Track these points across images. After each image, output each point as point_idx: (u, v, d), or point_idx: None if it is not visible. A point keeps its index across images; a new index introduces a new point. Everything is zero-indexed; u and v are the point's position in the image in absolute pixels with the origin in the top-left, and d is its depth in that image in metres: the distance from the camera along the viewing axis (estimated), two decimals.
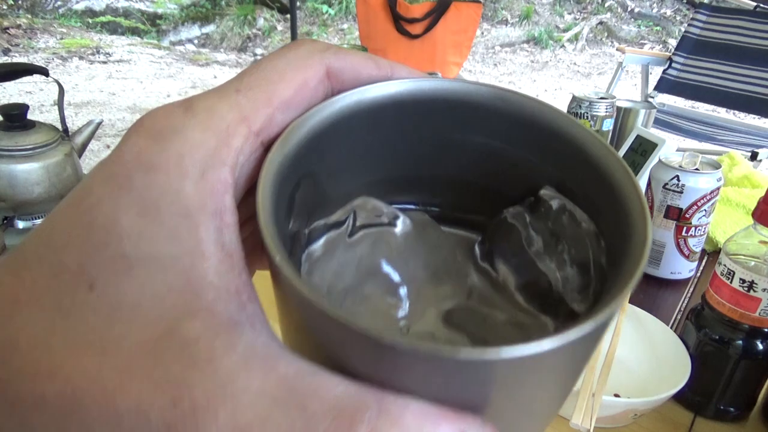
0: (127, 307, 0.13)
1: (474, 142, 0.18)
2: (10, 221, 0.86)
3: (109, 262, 0.13)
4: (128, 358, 0.12)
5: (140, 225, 0.13)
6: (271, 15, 6.05)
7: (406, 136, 0.18)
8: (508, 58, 5.93)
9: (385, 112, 0.17)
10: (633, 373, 0.55)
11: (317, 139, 0.16)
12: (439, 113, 0.17)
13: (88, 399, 0.12)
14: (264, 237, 0.13)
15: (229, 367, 0.12)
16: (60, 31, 5.60)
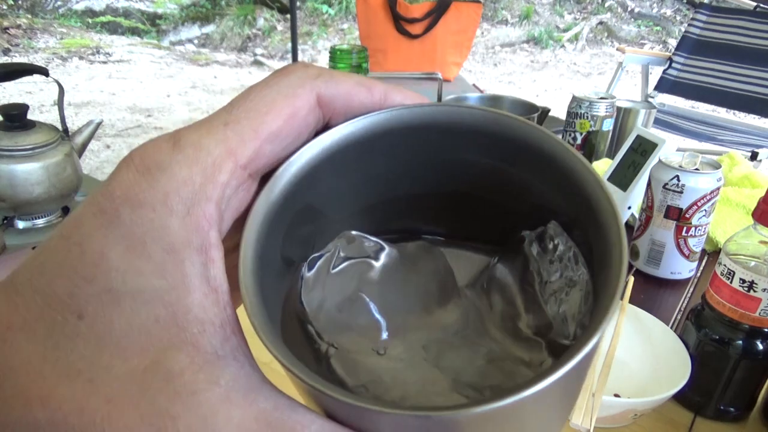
0: (114, 337, 0.13)
1: (470, 163, 0.18)
2: (10, 221, 0.86)
3: (98, 294, 0.14)
4: (115, 387, 0.13)
5: (127, 259, 0.14)
6: (271, 15, 6.05)
7: (402, 163, 0.18)
8: (508, 58, 5.93)
9: (380, 141, 0.17)
10: (633, 373, 0.55)
11: (311, 175, 0.17)
12: (433, 138, 0.17)
13: (78, 427, 0.13)
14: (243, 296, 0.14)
15: (212, 401, 0.13)
16: (60, 31, 5.60)
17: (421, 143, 0.18)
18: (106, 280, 0.14)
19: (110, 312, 0.14)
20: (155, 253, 0.14)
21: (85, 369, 0.13)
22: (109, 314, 0.14)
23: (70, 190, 0.86)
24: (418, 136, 0.17)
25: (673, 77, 2.47)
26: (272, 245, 0.16)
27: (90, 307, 0.14)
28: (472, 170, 0.18)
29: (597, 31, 6.24)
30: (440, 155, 0.18)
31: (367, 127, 0.17)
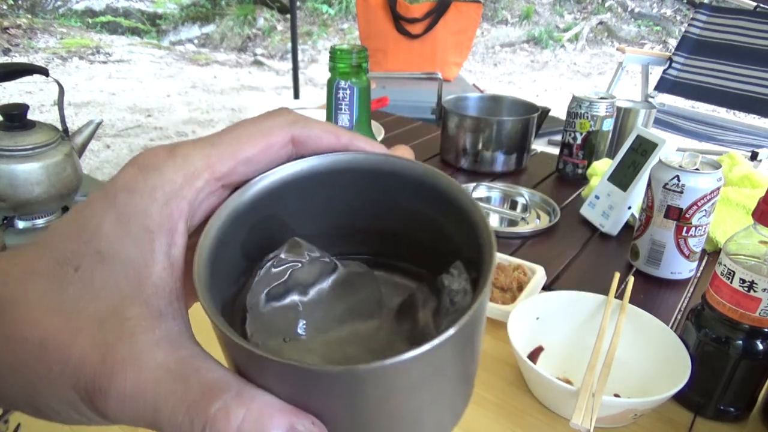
0: (94, 287, 0.18)
1: (400, 205, 0.22)
2: (10, 221, 0.86)
3: (90, 254, 0.19)
4: (83, 323, 0.18)
5: (115, 231, 0.19)
6: (271, 15, 6.05)
7: (356, 198, 0.23)
8: (508, 58, 5.93)
9: (340, 177, 0.22)
10: (633, 373, 0.55)
11: (279, 191, 0.21)
12: (381, 182, 0.22)
13: (51, 346, 0.18)
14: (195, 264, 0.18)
15: (145, 343, 0.18)
16: (60, 31, 5.60)
17: (373, 185, 0.22)
18: (98, 244, 0.19)
19: (95, 268, 0.19)
20: (135, 229, 0.19)
21: (68, 307, 0.18)
22: (94, 270, 0.19)
23: (70, 190, 0.86)
24: (371, 178, 0.22)
25: (673, 77, 2.47)
26: (233, 237, 0.20)
27: (83, 263, 0.19)
28: (409, 213, 0.22)
29: (597, 31, 6.24)
30: (386, 198, 0.22)
31: (330, 163, 0.21)
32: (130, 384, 0.17)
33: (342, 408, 0.17)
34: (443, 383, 0.19)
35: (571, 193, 1.04)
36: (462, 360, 0.19)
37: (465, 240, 0.20)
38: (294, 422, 0.17)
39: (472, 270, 0.20)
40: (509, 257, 0.73)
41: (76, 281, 0.18)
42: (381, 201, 0.23)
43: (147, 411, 0.17)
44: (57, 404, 0.19)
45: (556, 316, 0.61)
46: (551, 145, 2.21)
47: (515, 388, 0.55)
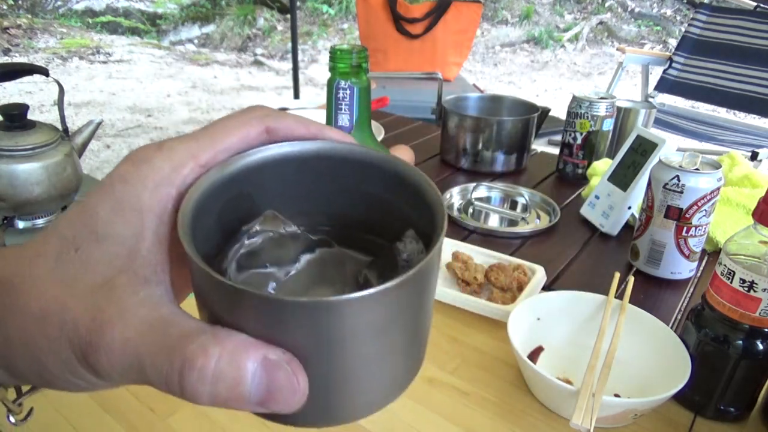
0: (91, 264, 0.21)
1: (362, 189, 0.25)
2: (10, 221, 0.86)
3: (88, 235, 0.21)
4: (79, 294, 0.21)
5: (110, 215, 0.21)
6: (271, 15, 6.05)
7: (325, 180, 0.25)
8: (508, 58, 5.93)
9: (311, 162, 0.25)
10: (633, 373, 0.55)
11: (252, 170, 0.24)
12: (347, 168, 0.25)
13: (50, 313, 0.21)
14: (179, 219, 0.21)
15: (130, 303, 0.20)
16: (60, 31, 5.60)
17: (339, 170, 0.25)
18: (95, 226, 0.21)
19: (93, 248, 0.21)
20: (128, 212, 0.21)
21: (69, 282, 0.21)
22: (91, 249, 0.21)
23: (70, 190, 0.86)
24: (337, 164, 0.25)
25: (673, 77, 2.47)
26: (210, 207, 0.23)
27: (83, 244, 0.21)
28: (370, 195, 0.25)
29: (597, 31, 6.24)
30: (351, 181, 0.25)
31: (301, 149, 0.24)
32: (117, 338, 0.20)
33: (309, 342, 0.19)
34: (397, 330, 0.21)
35: (571, 193, 1.04)
36: (413, 311, 0.21)
37: (421, 216, 0.23)
38: (266, 353, 0.19)
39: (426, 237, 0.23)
40: (509, 257, 0.73)
41: (75, 260, 0.21)
42: (346, 184, 0.25)
43: (133, 362, 0.19)
44: (57, 369, 0.21)
45: (556, 316, 0.61)
46: (551, 145, 2.21)
47: (515, 388, 0.55)
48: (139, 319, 0.20)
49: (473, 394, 0.54)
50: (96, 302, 0.20)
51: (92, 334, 0.20)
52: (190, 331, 0.19)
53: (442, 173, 1.13)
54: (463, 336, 0.62)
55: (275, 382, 0.19)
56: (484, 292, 0.69)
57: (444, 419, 0.51)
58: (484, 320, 0.64)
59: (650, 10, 6.34)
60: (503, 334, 0.55)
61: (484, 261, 0.73)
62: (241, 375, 0.18)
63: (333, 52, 0.43)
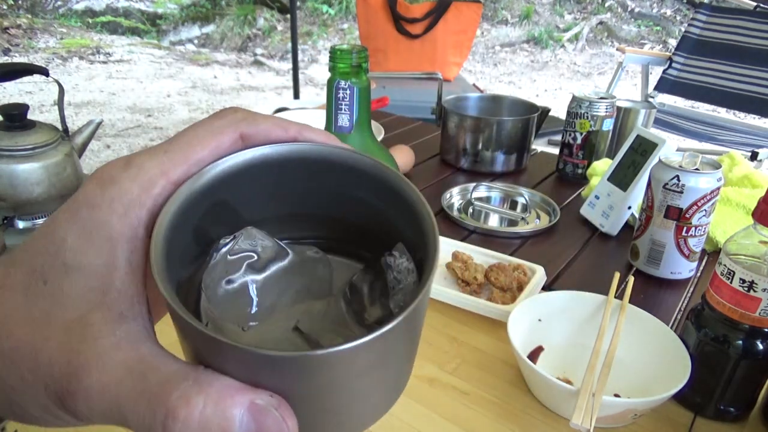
0: (62, 297, 0.20)
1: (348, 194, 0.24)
2: (10, 221, 0.86)
3: (57, 266, 0.20)
4: (52, 332, 0.19)
5: (79, 243, 0.20)
6: (271, 15, 6.05)
7: (306, 187, 0.24)
8: (508, 58, 5.93)
9: (291, 166, 0.23)
10: (633, 373, 0.55)
11: (230, 179, 0.22)
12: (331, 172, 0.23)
13: (22, 354, 0.19)
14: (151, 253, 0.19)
15: (106, 344, 0.19)
16: (60, 31, 5.60)
17: (322, 174, 0.23)
18: (64, 257, 0.20)
19: (62, 280, 0.20)
20: (98, 240, 0.20)
21: (39, 318, 0.20)
22: (61, 281, 0.20)
23: (70, 190, 0.86)
24: (320, 168, 0.23)
25: (673, 77, 2.47)
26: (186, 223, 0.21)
27: (51, 276, 0.20)
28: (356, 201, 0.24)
29: (597, 31, 6.24)
30: (335, 187, 0.23)
31: (280, 152, 0.22)
32: (94, 384, 0.18)
33: (296, 388, 0.18)
34: (389, 365, 0.20)
35: (571, 193, 1.04)
36: (406, 345, 0.21)
37: (410, 229, 0.22)
38: (253, 398, 0.18)
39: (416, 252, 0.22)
40: (509, 257, 0.73)
41: (45, 293, 0.20)
42: (329, 189, 0.24)
43: (113, 408, 0.18)
44: (34, 409, 0.20)
45: (556, 316, 0.61)
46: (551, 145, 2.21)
47: (515, 388, 0.55)
48: (116, 363, 0.18)
49: (473, 394, 0.54)
50: (70, 343, 0.19)
51: (68, 380, 0.19)
52: (170, 376, 0.18)
53: (442, 173, 1.13)
54: (463, 336, 0.62)
55: (264, 428, 0.18)
56: (484, 292, 0.69)
57: (444, 419, 0.51)
58: (484, 320, 0.64)
59: (650, 10, 6.34)
60: (503, 334, 0.55)
61: (484, 261, 0.73)
62: (227, 424, 0.17)
63: (333, 52, 0.43)
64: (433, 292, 0.67)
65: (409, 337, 0.21)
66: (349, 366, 0.18)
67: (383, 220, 0.23)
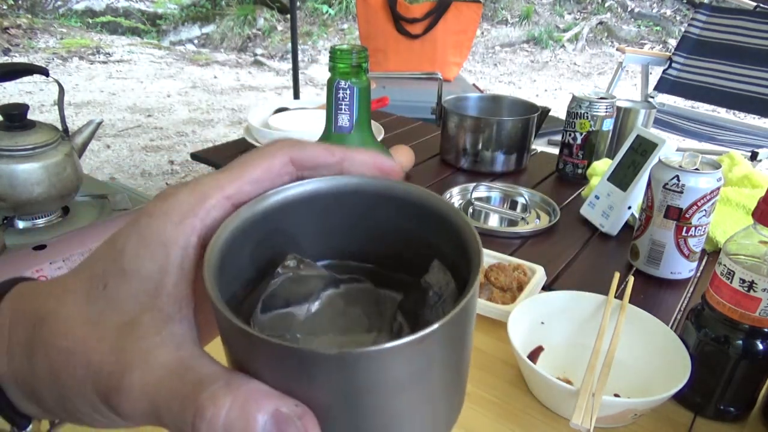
0: (118, 301, 0.21)
1: (397, 225, 0.24)
2: (11, 221, 0.86)
3: (116, 271, 0.21)
4: (106, 332, 0.21)
5: (136, 249, 0.21)
6: (271, 15, 6.05)
7: (352, 216, 0.25)
8: (508, 58, 5.93)
9: (339, 197, 0.24)
10: (633, 373, 0.55)
11: (284, 207, 0.23)
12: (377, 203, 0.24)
13: (77, 352, 0.21)
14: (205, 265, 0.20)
15: (151, 344, 0.20)
16: (60, 31, 5.60)
17: (373, 206, 0.24)
18: (122, 262, 0.21)
19: (120, 284, 0.21)
20: (153, 246, 0.21)
21: (95, 319, 0.21)
22: (119, 285, 0.21)
23: (70, 190, 0.86)
24: (371, 200, 0.24)
25: (673, 77, 2.47)
26: (242, 245, 0.22)
27: (111, 280, 0.21)
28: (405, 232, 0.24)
29: (597, 31, 6.24)
30: (385, 217, 0.24)
31: (333, 185, 0.24)
32: (136, 382, 0.20)
33: (331, 396, 0.18)
34: (432, 380, 0.19)
35: (571, 193, 1.04)
36: (450, 359, 0.20)
37: (451, 244, 0.22)
38: (279, 405, 0.18)
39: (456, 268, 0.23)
40: (509, 257, 0.73)
41: (103, 297, 0.21)
42: (380, 221, 0.25)
43: (152, 407, 0.19)
44: (83, 407, 0.22)
45: (556, 316, 0.61)
46: (551, 145, 2.21)
47: (515, 388, 0.55)
48: (158, 364, 0.20)
49: (473, 394, 0.54)
50: (120, 342, 0.21)
51: (115, 377, 0.20)
52: (204, 377, 0.19)
53: (442, 173, 1.13)
54: None
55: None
56: (484, 292, 0.69)
57: None
58: (484, 320, 0.64)
59: (650, 10, 6.34)
60: (503, 334, 0.55)
61: (484, 261, 0.73)
62: (250, 427, 0.18)
63: (333, 52, 0.43)
64: None
65: (451, 351, 0.20)
66: (387, 373, 0.18)
67: (424, 243, 0.24)
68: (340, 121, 0.44)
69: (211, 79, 4.85)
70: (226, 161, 0.24)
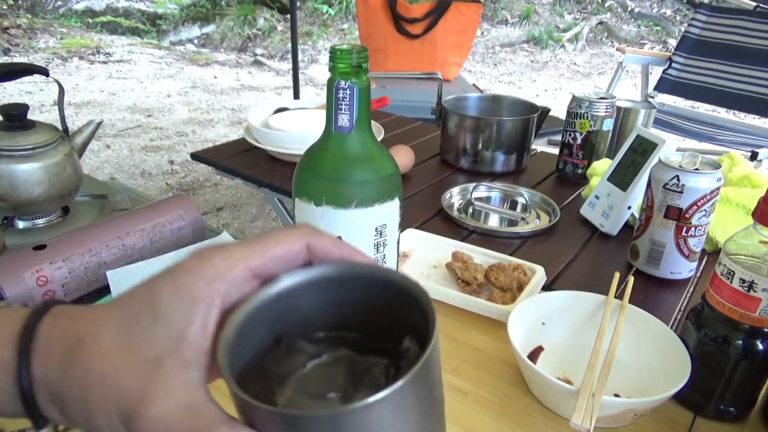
0: (148, 340, 0.25)
1: (377, 302, 0.30)
2: (10, 221, 0.86)
3: (150, 313, 0.26)
4: (134, 363, 0.25)
5: (169, 300, 0.26)
6: (271, 15, 6.05)
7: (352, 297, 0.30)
8: (508, 58, 5.93)
9: (338, 281, 0.29)
10: (633, 373, 0.55)
11: (296, 288, 0.29)
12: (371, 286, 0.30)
13: (111, 374, 0.25)
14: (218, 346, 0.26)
15: (173, 383, 0.25)
16: (60, 31, 5.60)
17: (362, 288, 0.30)
18: (156, 307, 0.26)
19: (151, 325, 0.26)
20: (185, 300, 0.26)
21: (126, 350, 0.25)
22: (150, 326, 0.26)
23: (70, 190, 0.86)
24: (362, 284, 0.30)
25: (673, 77, 2.47)
26: (260, 319, 0.28)
27: (144, 320, 0.26)
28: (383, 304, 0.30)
29: (597, 31, 6.24)
30: (370, 295, 0.30)
31: (334, 271, 0.29)
32: (155, 412, 0.24)
33: None
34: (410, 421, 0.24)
35: (571, 193, 1.04)
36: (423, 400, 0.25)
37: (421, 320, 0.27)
38: None
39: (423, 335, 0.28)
40: (509, 257, 0.73)
41: (136, 332, 0.26)
42: (368, 298, 0.30)
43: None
44: (102, 422, 0.25)
45: (556, 316, 0.61)
46: (551, 145, 2.21)
47: (515, 388, 0.55)
48: (177, 400, 0.24)
49: (473, 394, 0.54)
50: (146, 375, 0.25)
51: (137, 404, 0.24)
52: (214, 418, 0.24)
53: (442, 173, 1.13)
54: (463, 336, 0.62)
55: None
56: (484, 292, 0.69)
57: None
58: (484, 320, 0.64)
59: (650, 10, 6.34)
60: (503, 334, 0.55)
61: (484, 261, 0.73)
62: None
63: (333, 52, 0.43)
64: (433, 292, 0.67)
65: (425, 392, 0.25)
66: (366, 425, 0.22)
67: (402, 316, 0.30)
68: (340, 121, 0.44)
69: (211, 79, 4.85)
70: (226, 161, 0.25)
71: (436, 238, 0.78)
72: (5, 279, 0.63)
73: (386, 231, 0.47)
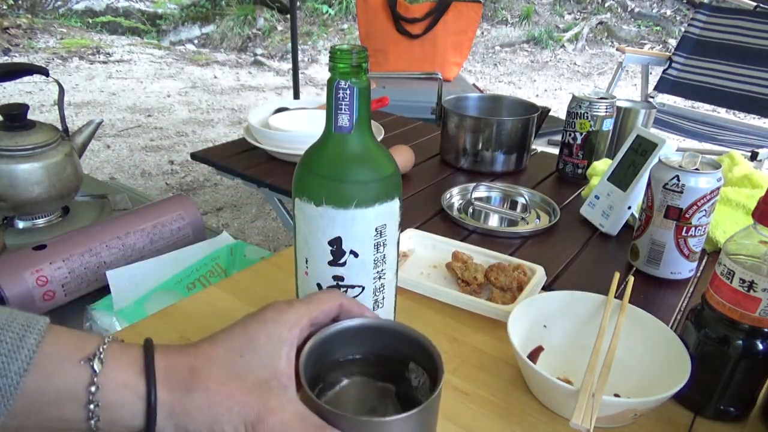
0: (252, 368, 0.37)
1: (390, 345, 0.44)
2: (10, 221, 0.86)
3: (250, 349, 0.37)
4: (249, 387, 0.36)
5: (264, 340, 0.38)
6: (271, 15, 6.05)
7: (369, 341, 0.44)
8: (508, 58, 5.93)
9: (362, 331, 0.44)
10: (633, 373, 0.55)
11: (333, 336, 0.42)
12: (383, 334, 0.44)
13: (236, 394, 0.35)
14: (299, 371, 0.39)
15: (283, 399, 0.36)
16: (60, 31, 5.60)
17: (380, 336, 0.44)
18: (255, 345, 0.37)
19: (252, 358, 0.37)
20: (274, 340, 0.38)
21: (238, 377, 0.36)
22: (251, 359, 0.37)
23: (70, 190, 0.86)
24: (380, 332, 0.44)
25: (673, 77, 2.47)
26: (312, 356, 0.40)
27: (246, 353, 0.37)
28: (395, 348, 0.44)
29: (597, 31, 6.24)
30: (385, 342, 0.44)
31: (360, 324, 0.44)
32: (275, 422, 0.35)
33: None
34: None
35: (571, 193, 1.04)
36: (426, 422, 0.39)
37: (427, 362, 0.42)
38: None
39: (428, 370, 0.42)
40: (509, 257, 0.73)
41: (240, 363, 0.36)
42: (383, 344, 0.44)
43: None
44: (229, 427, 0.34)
45: (556, 316, 0.61)
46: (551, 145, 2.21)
47: (515, 388, 0.55)
48: (289, 412, 0.35)
49: (473, 394, 0.54)
50: (262, 394, 0.35)
51: (261, 416, 0.35)
52: (319, 424, 0.35)
53: (442, 173, 1.13)
54: (463, 336, 0.62)
55: None
56: (484, 292, 0.69)
57: (444, 419, 0.51)
58: (484, 320, 0.64)
59: (650, 10, 6.34)
60: (503, 334, 0.55)
61: (484, 261, 0.73)
62: None
63: (333, 52, 0.43)
64: (433, 292, 0.67)
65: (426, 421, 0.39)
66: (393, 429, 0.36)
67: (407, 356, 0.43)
68: (340, 121, 0.44)
69: (211, 79, 4.85)
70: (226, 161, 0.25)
71: (436, 238, 0.78)
72: (5, 279, 0.63)
73: (386, 231, 0.47)
